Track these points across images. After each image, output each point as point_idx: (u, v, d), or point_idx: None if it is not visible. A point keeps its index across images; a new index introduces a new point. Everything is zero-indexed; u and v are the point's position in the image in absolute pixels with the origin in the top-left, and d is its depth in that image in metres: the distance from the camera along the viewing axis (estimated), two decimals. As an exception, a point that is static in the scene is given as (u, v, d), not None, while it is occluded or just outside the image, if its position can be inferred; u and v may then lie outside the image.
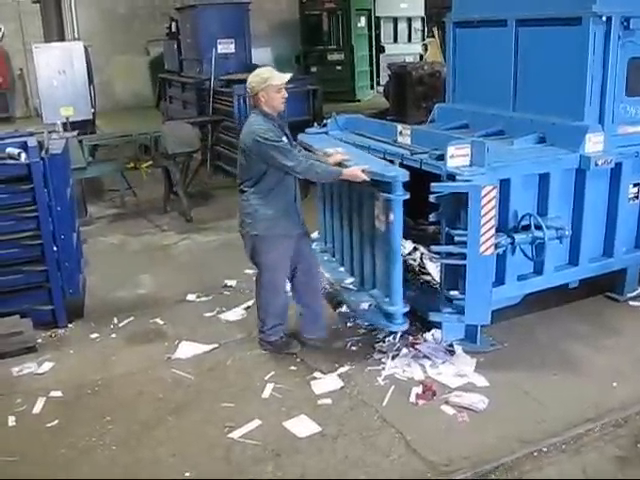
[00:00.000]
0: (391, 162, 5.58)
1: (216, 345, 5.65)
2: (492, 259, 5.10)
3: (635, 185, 5.96)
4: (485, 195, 4.86)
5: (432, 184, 5.00)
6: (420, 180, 5.09)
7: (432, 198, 4.99)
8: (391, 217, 5.09)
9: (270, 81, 5.01)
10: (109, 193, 10.61)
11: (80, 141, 8.44)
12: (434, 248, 5.23)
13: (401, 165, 5.48)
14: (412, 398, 4.79)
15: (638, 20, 5.52)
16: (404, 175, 5.00)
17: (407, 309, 5.27)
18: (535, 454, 4.18)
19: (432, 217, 5.23)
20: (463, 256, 5.03)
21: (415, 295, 5.65)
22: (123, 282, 7.10)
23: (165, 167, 9.25)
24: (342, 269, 6.40)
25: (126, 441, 4.45)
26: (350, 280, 6.12)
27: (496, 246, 5.10)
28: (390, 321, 5.31)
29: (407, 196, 4.99)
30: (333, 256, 6.68)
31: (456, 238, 5.08)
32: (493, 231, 4.97)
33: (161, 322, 6.15)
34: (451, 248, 5.14)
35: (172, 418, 4.69)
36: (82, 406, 4.87)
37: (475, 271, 5.03)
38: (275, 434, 4.45)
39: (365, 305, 5.57)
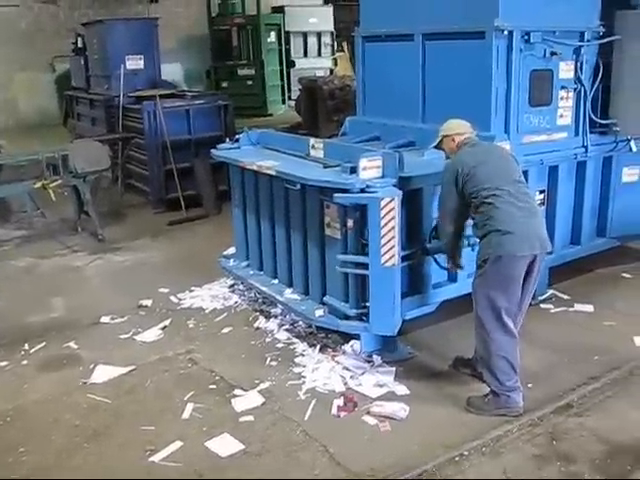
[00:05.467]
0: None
1: (133, 367, 5.52)
2: (396, 270, 5.01)
3: (541, 192, 6.19)
4: (384, 206, 4.86)
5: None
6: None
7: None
8: (350, 223, 5.11)
9: None
10: (16, 215, 10.24)
11: (-17, 162, 8.14)
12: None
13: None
14: (334, 410, 4.80)
15: (537, 34, 5.78)
16: (361, 182, 5.01)
17: (365, 311, 5.28)
18: (457, 458, 4.24)
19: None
20: (367, 266, 5.07)
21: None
22: (34, 306, 6.86)
23: (75, 186, 9.01)
24: (275, 281, 6.32)
25: (42, 472, 4.28)
26: (289, 291, 6.06)
27: (407, 257, 5.15)
28: (350, 323, 5.36)
29: (365, 202, 4.96)
30: (260, 270, 6.60)
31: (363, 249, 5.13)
32: (394, 242, 4.92)
33: (75, 346, 5.97)
34: (356, 258, 5.18)
35: (90, 445, 4.55)
36: (-7, 438, 4.68)
37: (378, 282, 5.02)
38: (197, 455, 4.38)
39: (320, 312, 5.58)
